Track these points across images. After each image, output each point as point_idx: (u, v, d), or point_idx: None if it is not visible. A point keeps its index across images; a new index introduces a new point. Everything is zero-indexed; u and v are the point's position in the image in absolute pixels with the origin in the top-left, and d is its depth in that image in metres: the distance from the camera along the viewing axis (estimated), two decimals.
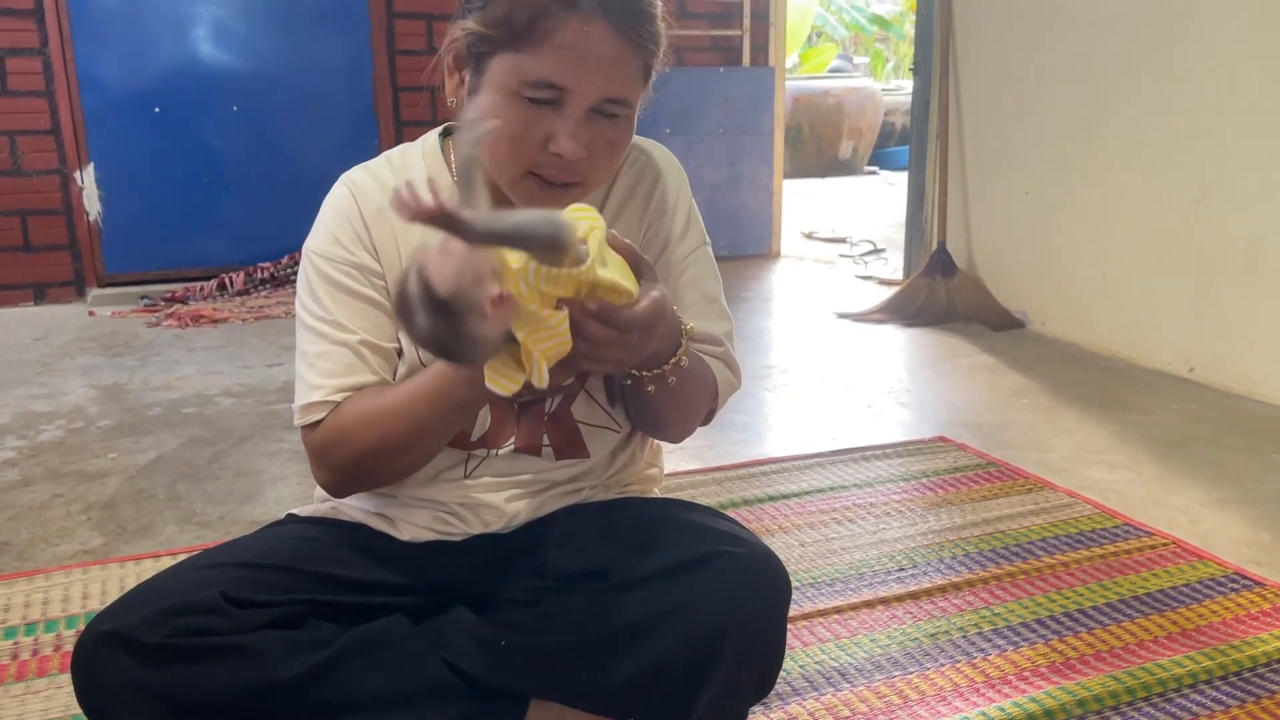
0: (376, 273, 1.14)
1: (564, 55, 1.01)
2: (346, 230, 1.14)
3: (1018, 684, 1.49)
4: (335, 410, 1.12)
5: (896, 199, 5.76)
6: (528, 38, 1.01)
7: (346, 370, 1.11)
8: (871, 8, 11.77)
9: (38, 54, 3.94)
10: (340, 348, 1.12)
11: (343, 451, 1.11)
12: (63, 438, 2.56)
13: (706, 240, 1.25)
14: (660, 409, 1.14)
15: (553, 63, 1.01)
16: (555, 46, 1.01)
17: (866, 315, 3.81)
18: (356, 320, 1.13)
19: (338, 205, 1.16)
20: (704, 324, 1.19)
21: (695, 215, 1.24)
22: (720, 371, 1.20)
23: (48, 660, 1.56)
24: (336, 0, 4.33)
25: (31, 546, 1.96)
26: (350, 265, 1.13)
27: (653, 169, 1.23)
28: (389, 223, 1.14)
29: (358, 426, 1.10)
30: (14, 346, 3.45)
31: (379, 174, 1.17)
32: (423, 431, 1.09)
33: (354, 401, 1.11)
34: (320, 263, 1.14)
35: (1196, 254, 2.98)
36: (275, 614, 1.09)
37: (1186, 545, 1.92)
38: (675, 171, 1.25)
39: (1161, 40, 3.04)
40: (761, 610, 1.06)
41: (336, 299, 1.13)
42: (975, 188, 3.86)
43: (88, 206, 4.10)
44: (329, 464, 1.13)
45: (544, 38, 1.01)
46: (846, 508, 2.11)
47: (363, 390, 1.12)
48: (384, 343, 1.14)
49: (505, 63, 1.02)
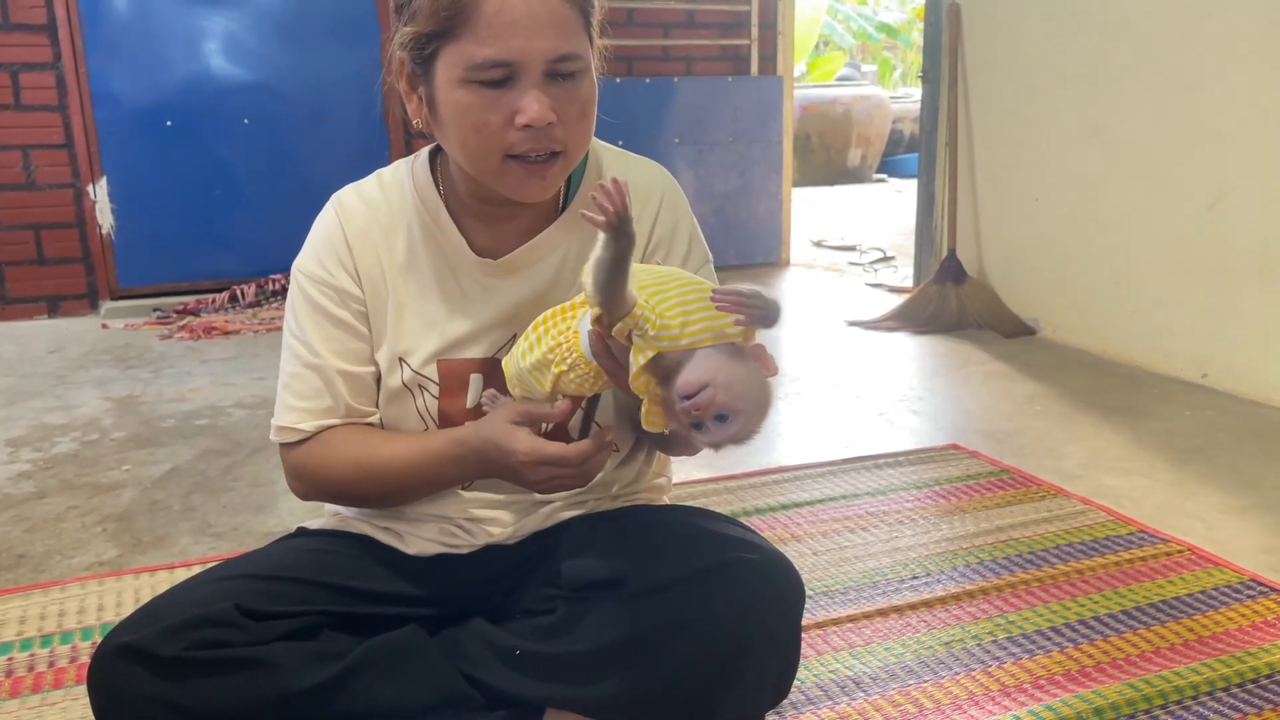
0: (356, 297, 1.15)
1: (499, 29, 1.00)
2: (329, 252, 1.16)
3: (1033, 692, 1.48)
4: (321, 440, 1.15)
5: (905, 206, 5.75)
6: (458, 21, 1.00)
7: (315, 395, 1.15)
8: (879, 16, 11.77)
9: (51, 69, 3.97)
10: (310, 372, 1.15)
11: (321, 481, 1.16)
12: (77, 450, 2.57)
13: (709, 258, 1.25)
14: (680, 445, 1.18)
15: (491, 39, 1.00)
16: (488, 23, 1.00)
17: (877, 323, 3.80)
18: (329, 344, 1.15)
19: (324, 226, 1.17)
20: None
21: (696, 235, 1.24)
22: None
23: (64, 672, 1.57)
24: (347, 14, 4.35)
25: (47, 558, 1.97)
26: (329, 287, 1.15)
27: (653, 199, 1.21)
28: (373, 244, 1.16)
29: (342, 467, 1.14)
30: (29, 359, 3.47)
31: (368, 194, 1.18)
32: (405, 491, 1.16)
33: (344, 442, 1.14)
34: (303, 281, 1.16)
35: (1211, 259, 2.97)
36: (290, 626, 1.09)
37: (1202, 552, 1.91)
38: (673, 193, 1.23)
39: (1174, 44, 3.03)
40: (777, 615, 1.06)
41: (313, 320, 1.15)
42: (985, 194, 3.86)
43: (100, 220, 4.12)
44: (303, 483, 1.18)
45: (474, 16, 1.00)
46: (859, 516, 2.10)
47: (353, 430, 1.15)
48: (354, 368, 1.15)
49: (447, 57, 1.02)
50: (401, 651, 1.11)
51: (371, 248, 1.16)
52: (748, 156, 5.00)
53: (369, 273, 1.16)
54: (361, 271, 1.15)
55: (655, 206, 1.21)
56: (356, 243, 1.16)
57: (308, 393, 1.15)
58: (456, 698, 1.10)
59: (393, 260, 1.16)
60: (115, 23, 4.05)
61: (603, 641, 1.06)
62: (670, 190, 1.23)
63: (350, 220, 1.16)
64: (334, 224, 1.17)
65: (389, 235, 1.16)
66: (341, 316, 1.15)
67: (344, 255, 1.15)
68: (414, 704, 1.09)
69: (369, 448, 1.14)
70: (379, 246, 1.16)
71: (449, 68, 1.03)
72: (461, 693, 1.11)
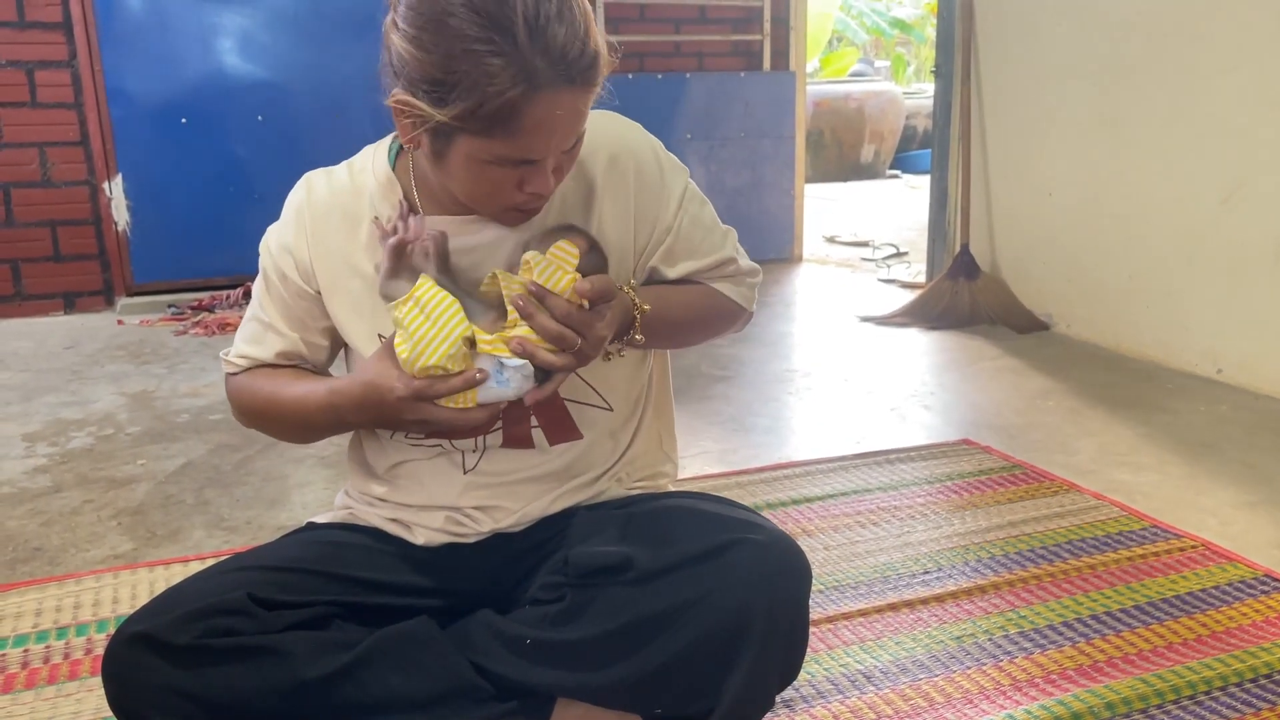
0: (307, 271, 1.20)
1: (537, 135, 1.00)
2: (290, 226, 1.21)
3: (1045, 687, 1.48)
4: (251, 374, 1.25)
5: (918, 202, 5.73)
6: (498, 128, 0.99)
7: (255, 341, 1.25)
8: (892, 11, 11.73)
9: (66, 66, 3.99)
10: (255, 322, 1.26)
11: (241, 405, 1.27)
12: (93, 444, 2.59)
13: (684, 169, 1.25)
14: (664, 343, 1.27)
15: (523, 145, 1.01)
16: (527, 130, 0.99)
17: (889, 318, 3.80)
18: (271, 306, 1.23)
19: (292, 202, 1.23)
20: (711, 253, 1.25)
21: (666, 159, 1.23)
22: (733, 289, 1.28)
23: (78, 664, 1.58)
24: (360, 10, 4.36)
25: (62, 551, 1.99)
26: (275, 265, 1.22)
27: (623, 154, 1.19)
28: (333, 228, 1.19)
29: (253, 398, 1.24)
30: (45, 355, 3.49)
31: (337, 181, 1.22)
32: (306, 427, 1.21)
33: (267, 377, 1.24)
34: (263, 249, 1.24)
35: (1224, 253, 2.95)
36: (301, 616, 1.10)
37: (1216, 547, 1.90)
38: (635, 136, 1.22)
39: (1187, 38, 3.01)
40: (784, 594, 1.06)
41: (267, 285, 1.23)
42: (999, 189, 3.84)
43: (116, 217, 4.15)
44: (233, 406, 1.29)
45: (515, 125, 0.99)
46: (871, 511, 2.10)
47: (280, 371, 1.24)
48: (288, 331, 1.23)
49: (474, 144, 1.01)
50: (411, 642, 1.12)
51: (332, 231, 1.19)
52: (760, 152, 5.00)
53: (327, 255, 1.19)
54: (316, 254, 1.19)
55: (625, 167, 1.19)
56: (317, 227, 1.19)
57: (251, 338, 1.26)
58: (466, 688, 1.11)
59: (356, 244, 1.18)
60: (130, 20, 4.07)
61: (611, 626, 1.07)
62: (634, 141, 1.20)
63: (315, 202, 1.20)
64: (301, 201, 1.21)
65: (352, 220, 1.19)
66: (279, 291, 1.22)
67: (305, 229, 1.20)
68: (423, 694, 1.10)
69: (278, 386, 1.22)
70: (339, 230, 1.19)
71: (472, 149, 1.02)
72: (471, 683, 1.11)
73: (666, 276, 1.24)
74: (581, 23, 0.99)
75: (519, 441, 1.20)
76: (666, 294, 1.22)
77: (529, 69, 0.96)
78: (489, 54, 0.95)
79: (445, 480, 1.22)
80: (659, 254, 1.22)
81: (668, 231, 1.21)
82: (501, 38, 0.95)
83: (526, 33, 0.95)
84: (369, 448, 1.27)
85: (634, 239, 1.20)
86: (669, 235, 1.21)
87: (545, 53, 0.96)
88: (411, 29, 0.98)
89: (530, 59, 0.96)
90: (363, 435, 1.28)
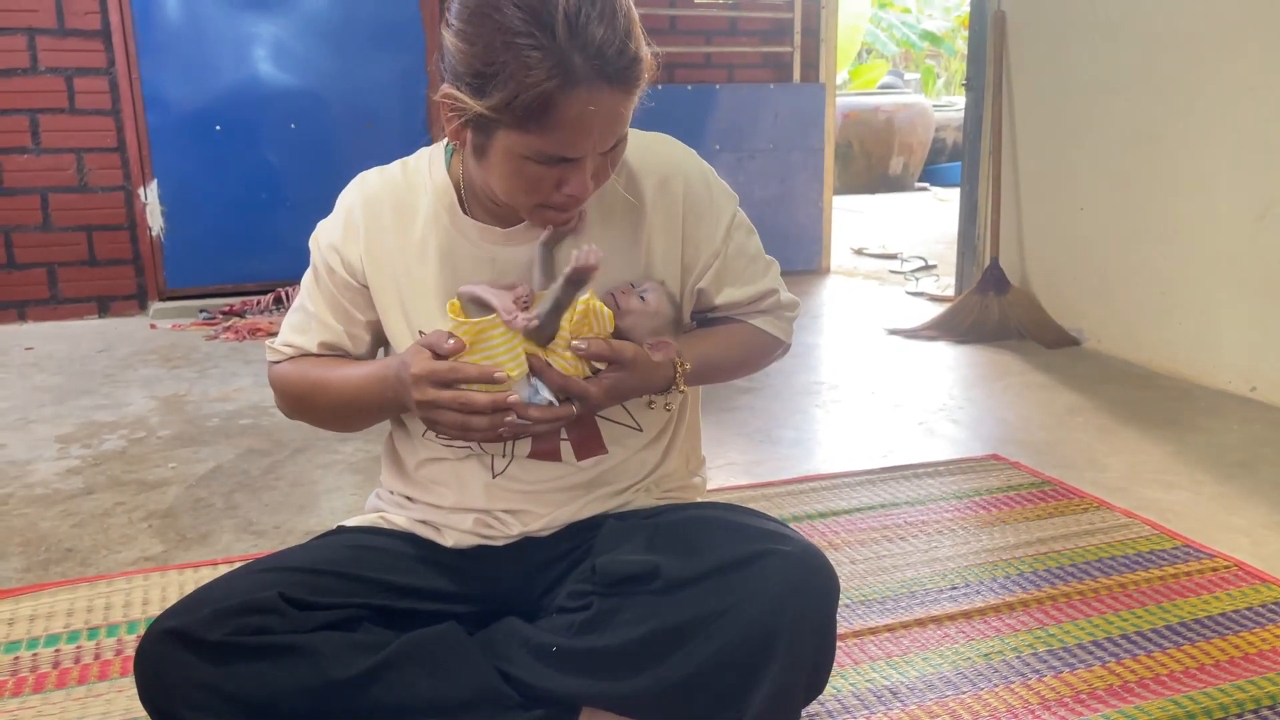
0: (356, 268, 1.22)
1: (572, 131, 1.02)
2: (340, 223, 1.23)
3: (1074, 706, 1.46)
4: (295, 362, 1.26)
5: (947, 215, 5.71)
6: (533, 121, 1.01)
7: (299, 329, 1.27)
8: (922, 24, 11.70)
9: (104, 74, 4.05)
10: (301, 312, 1.28)
11: (281, 394, 1.29)
12: (124, 447, 2.62)
13: (734, 196, 1.27)
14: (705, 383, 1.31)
15: (562, 141, 1.02)
16: (563, 125, 1.01)
17: (918, 332, 3.78)
18: (318, 300, 1.25)
19: (345, 199, 1.25)
20: (753, 281, 1.27)
21: (717, 185, 1.25)
22: (773, 323, 1.31)
23: (109, 664, 1.60)
24: (391, 20, 4.41)
25: (94, 553, 2.01)
26: (324, 261, 1.24)
27: (674, 177, 1.22)
28: (386, 225, 1.21)
29: (299, 383, 1.26)
30: (79, 358, 3.54)
31: (390, 177, 1.24)
32: (346, 406, 1.23)
33: (312, 364, 1.25)
34: (313, 244, 1.26)
35: (1260, 271, 2.92)
36: (331, 617, 1.11)
37: (1248, 567, 1.88)
38: (687, 160, 1.25)
39: (1221, 53, 2.98)
40: (811, 606, 1.06)
41: (316, 277, 1.25)
42: (1029, 203, 3.82)
43: (150, 222, 4.20)
44: (276, 393, 1.31)
45: (550, 119, 1.01)
46: (898, 525, 2.09)
47: (323, 359, 1.26)
48: (333, 322, 1.25)
49: (511, 137, 1.03)
50: (439, 646, 1.12)
51: (383, 226, 1.21)
52: (789, 164, 4.99)
53: (377, 250, 1.21)
54: (367, 250, 1.21)
55: (675, 192, 1.22)
56: (369, 224, 1.21)
57: (297, 326, 1.28)
58: (492, 695, 1.11)
59: (407, 240, 1.20)
60: (167, 29, 4.13)
61: (637, 635, 1.07)
62: (686, 166, 1.24)
63: (367, 203, 1.22)
64: (355, 199, 1.23)
65: (404, 216, 1.21)
66: (327, 283, 1.24)
67: (357, 227, 1.21)
68: (449, 699, 1.10)
69: (324, 370, 1.24)
70: (390, 225, 1.21)
71: (510, 143, 1.04)
72: (497, 690, 1.12)
73: (714, 301, 1.26)
74: (624, 25, 1.02)
75: (546, 455, 1.21)
76: (708, 341, 1.26)
77: (566, 63, 0.98)
78: (529, 47, 0.98)
79: (475, 483, 1.23)
80: (708, 276, 1.24)
81: (715, 256, 1.23)
82: (542, 32, 0.98)
83: (566, 28, 0.98)
84: (399, 440, 1.29)
85: (680, 260, 1.22)
86: (716, 260, 1.23)
87: (583, 49, 0.99)
88: (459, 23, 1.02)
89: (568, 53, 0.98)
90: (394, 428, 1.30)
